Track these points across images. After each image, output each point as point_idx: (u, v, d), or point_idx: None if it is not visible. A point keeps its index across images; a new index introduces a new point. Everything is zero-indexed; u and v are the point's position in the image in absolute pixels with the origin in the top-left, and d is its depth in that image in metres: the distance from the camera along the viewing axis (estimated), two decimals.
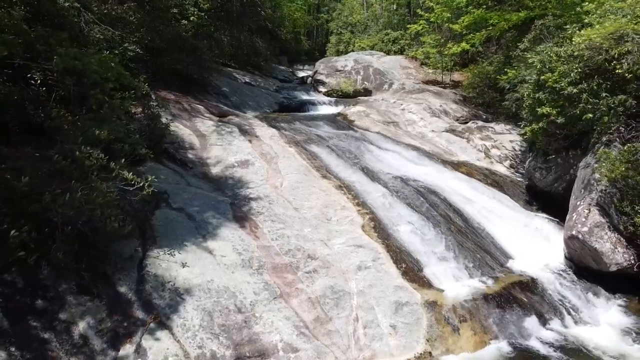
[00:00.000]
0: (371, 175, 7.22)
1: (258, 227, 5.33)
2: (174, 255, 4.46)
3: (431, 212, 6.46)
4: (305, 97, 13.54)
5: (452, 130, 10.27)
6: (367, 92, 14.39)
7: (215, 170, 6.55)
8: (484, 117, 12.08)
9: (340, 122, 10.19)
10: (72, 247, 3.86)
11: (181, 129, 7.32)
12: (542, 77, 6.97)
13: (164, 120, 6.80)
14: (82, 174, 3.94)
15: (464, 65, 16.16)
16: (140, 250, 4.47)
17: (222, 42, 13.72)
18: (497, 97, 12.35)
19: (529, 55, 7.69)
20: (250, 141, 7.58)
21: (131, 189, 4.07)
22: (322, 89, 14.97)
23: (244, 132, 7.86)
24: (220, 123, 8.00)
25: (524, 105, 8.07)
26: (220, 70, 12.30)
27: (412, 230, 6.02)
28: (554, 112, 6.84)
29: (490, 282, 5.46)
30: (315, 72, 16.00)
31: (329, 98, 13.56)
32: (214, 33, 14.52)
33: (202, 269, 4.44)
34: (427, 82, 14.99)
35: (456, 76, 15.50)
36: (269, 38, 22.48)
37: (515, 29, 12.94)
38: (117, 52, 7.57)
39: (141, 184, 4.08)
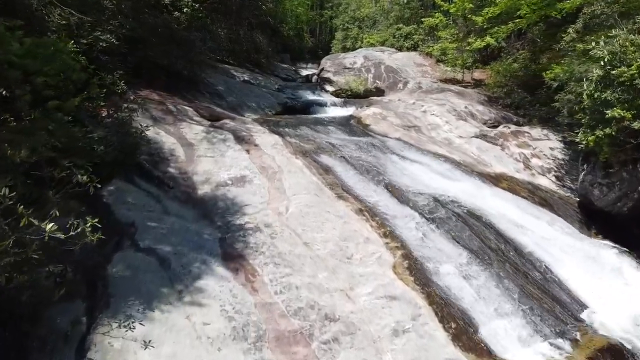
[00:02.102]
0: (398, 194, 5.81)
1: (256, 273, 3.94)
2: (133, 327, 3.04)
3: (479, 245, 5.06)
4: (311, 97, 12.14)
5: (483, 136, 8.86)
6: (379, 92, 12.99)
7: (202, 191, 5.16)
8: (515, 119, 10.68)
9: (353, 126, 8.78)
10: None
11: (162, 137, 5.92)
12: (613, 72, 5.58)
13: (140, 125, 5.40)
14: None
15: (483, 63, 14.78)
16: (85, 320, 3.08)
17: (219, 35, 12.33)
18: (528, 97, 11.03)
19: (588, 46, 6.28)
20: (247, 151, 6.18)
21: (62, 236, 2.68)
22: (329, 88, 13.56)
23: (240, 139, 6.46)
24: (211, 128, 6.60)
25: (579, 107, 6.69)
26: (215, 67, 10.92)
27: (458, 271, 4.61)
28: (629, 115, 5.44)
29: (568, 346, 4.06)
30: (322, 69, 14.60)
31: (337, 98, 12.16)
32: (210, 26, 13.16)
33: (173, 348, 3.05)
34: (445, 81, 13.59)
35: (476, 74, 14.10)
36: (271, 34, 21.10)
37: (544, 21, 11.61)
38: (84, 41, 6.20)
39: (79, 230, 2.68)
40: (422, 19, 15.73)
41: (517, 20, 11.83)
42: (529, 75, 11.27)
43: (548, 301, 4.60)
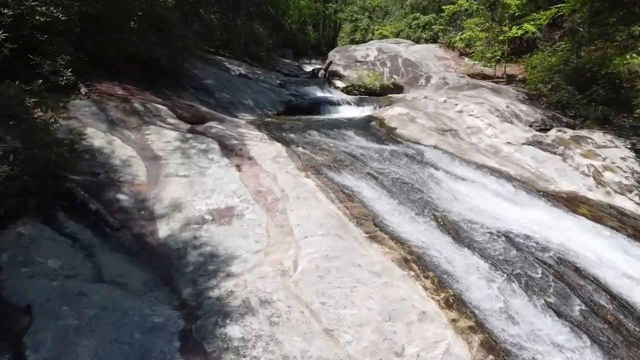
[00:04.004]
0: (454, 230, 4.04)
1: None
2: None
3: (590, 320, 3.29)
4: (319, 94, 10.36)
5: (536, 142, 7.09)
6: (397, 88, 11.23)
7: (165, 232, 3.39)
8: (564, 120, 8.91)
9: (375, 129, 7.00)
10: None
11: (116, 148, 4.15)
12: None
13: (71, 132, 3.65)
14: None
15: (514, 55, 13.02)
16: None
17: (211, 22, 10.57)
18: (578, 94, 9.26)
19: None
20: (238, 167, 4.42)
21: None
22: (339, 83, 11.79)
23: (228, 150, 4.69)
24: (190, 135, 4.82)
25: None
26: (205, 58, 9.17)
27: None
28: None
29: None
30: (330, 63, 12.82)
31: (349, 96, 10.39)
32: (204, 15, 11.43)
33: None
34: (473, 76, 11.82)
35: (508, 69, 12.32)
36: (272, 26, 19.36)
37: (589, 6, 9.89)
38: (9, 12, 4.45)
39: None
40: (443, 7, 13.93)
41: (560, 5, 10.17)
42: (575, 69, 9.56)
43: None
